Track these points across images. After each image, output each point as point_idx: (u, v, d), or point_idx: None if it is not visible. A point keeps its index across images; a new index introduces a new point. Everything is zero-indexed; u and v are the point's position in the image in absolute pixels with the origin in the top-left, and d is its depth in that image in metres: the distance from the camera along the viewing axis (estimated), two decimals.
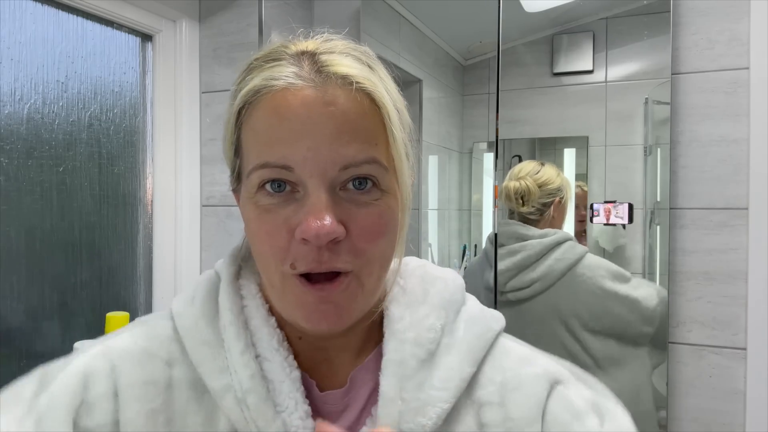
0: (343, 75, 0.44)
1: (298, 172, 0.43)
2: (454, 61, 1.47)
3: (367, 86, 0.44)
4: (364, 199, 0.44)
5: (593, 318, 1.27)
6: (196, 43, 1.50)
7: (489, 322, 0.54)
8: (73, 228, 1.26)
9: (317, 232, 0.41)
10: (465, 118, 1.45)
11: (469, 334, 0.52)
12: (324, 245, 0.42)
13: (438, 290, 0.53)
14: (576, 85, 1.34)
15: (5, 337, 1.11)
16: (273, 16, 1.46)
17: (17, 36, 1.14)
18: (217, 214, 1.49)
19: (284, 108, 0.43)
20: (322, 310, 0.45)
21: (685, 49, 1.23)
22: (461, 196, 1.47)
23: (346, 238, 0.43)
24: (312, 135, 0.43)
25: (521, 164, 1.37)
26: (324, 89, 0.43)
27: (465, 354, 0.50)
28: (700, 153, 1.23)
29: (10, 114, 1.13)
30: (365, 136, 0.44)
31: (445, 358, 0.50)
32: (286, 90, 0.44)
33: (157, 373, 0.48)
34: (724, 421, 1.20)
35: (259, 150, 0.44)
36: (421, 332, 0.50)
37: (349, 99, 0.44)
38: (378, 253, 0.46)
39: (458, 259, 1.45)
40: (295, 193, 0.44)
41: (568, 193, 1.34)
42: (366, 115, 0.44)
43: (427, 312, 0.52)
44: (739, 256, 1.19)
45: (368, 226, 0.44)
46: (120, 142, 1.38)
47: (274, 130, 0.43)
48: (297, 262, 0.44)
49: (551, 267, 1.29)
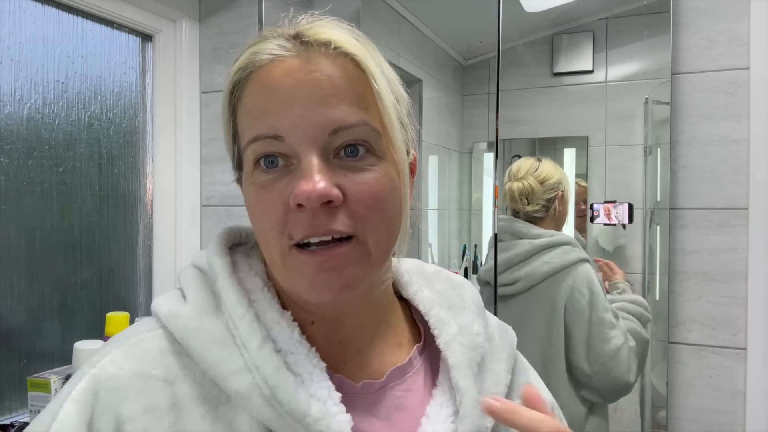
0: (324, 41, 0.44)
1: (288, 140, 0.43)
2: (454, 61, 1.47)
3: (348, 48, 0.44)
4: (359, 165, 0.44)
5: (553, 328, 1.27)
6: (196, 43, 1.50)
7: (509, 331, 0.57)
8: (73, 228, 1.26)
9: (309, 193, 0.41)
10: (465, 118, 1.45)
11: (504, 343, 0.55)
12: (319, 209, 0.41)
13: (470, 296, 0.56)
14: (576, 85, 1.34)
15: (5, 337, 1.11)
16: (273, 16, 1.46)
17: (17, 36, 1.14)
18: (217, 214, 1.49)
19: (269, 80, 0.44)
20: (325, 278, 0.43)
21: (685, 49, 1.23)
22: (461, 196, 1.47)
23: (344, 204, 0.43)
24: (298, 102, 0.43)
25: (518, 162, 1.36)
26: (307, 57, 0.44)
27: (506, 361, 0.54)
28: (700, 153, 1.23)
29: (10, 114, 1.13)
30: (353, 99, 0.44)
31: (491, 365, 0.53)
32: (270, 63, 0.44)
33: (157, 395, 0.43)
34: (724, 421, 1.20)
35: (250, 125, 0.45)
36: (473, 338, 0.52)
37: (333, 64, 0.44)
38: (382, 219, 0.44)
39: (458, 259, 1.45)
40: (289, 166, 0.44)
41: (567, 186, 1.34)
42: (352, 79, 0.44)
43: (471, 318, 0.54)
44: (739, 256, 1.19)
45: (365, 190, 0.43)
46: (120, 142, 1.38)
47: (262, 103, 0.44)
48: (293, 230, 0.43)
49: (536, 268, 1.29)
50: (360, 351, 0.50)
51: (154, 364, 0.44)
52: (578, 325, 1.25)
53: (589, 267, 1.28)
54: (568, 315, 1.26)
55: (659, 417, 1.25)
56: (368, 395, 0.49)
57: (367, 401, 0.49)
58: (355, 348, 0.50)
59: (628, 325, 1.24)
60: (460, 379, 0.49)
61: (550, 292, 1.28)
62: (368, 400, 0.49)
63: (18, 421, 1.05)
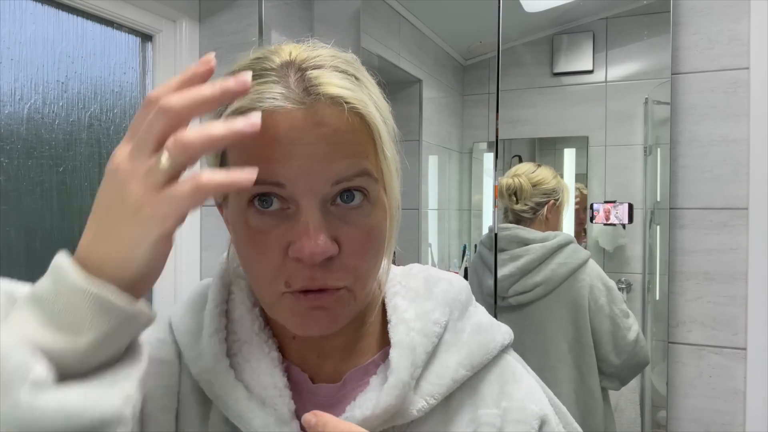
0: (333, 96, 0.43)
1: (290, 189, 0.43)
2: (454, 61, 1.47)
3: (358, 107, 0.44)
4: (353, 216, 0.45)
5: (580, 328, 1.27)
6: (196, 43, 1.50)
7: (495, 333, 0.54)
8: (73, 228, 1.26)
9: (311, 252, 0.42)
10: (465, 118, 1.45)
11: (473, 340, 0.52)
12: (317, 263, 0.43)
13: (442, 289, 0.54)
14: (576, 85, 1.34)
15: None
16: (273, 16, 1.46)
17: (17, 36, 1.14)
18: (217, 214, 1.49)
19: (274, 130, 0.42)
20: (315, 316, 0.45)
21: (685, 49, 1.23)
22: (461, 196, 1.47)
23: (338, 254, 0.44)
24: (304, 155, 0.42)
25: (519, 164, 1.38)
26: (314, 110, 0.43)
27: (464, 357, 0.51)
28: (700, 153, 1.23)
29: (10, 114, 1.13)
30: (356, 150, 0.44)
31: (444, 355, 0.51)
32: (274, 112, 0.42)
33: (166, 352, 0.52)
34: (724, 421, 1.20)
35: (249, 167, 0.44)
36: (428, 324, 0.51)
37: (339, 119, 0.43)
38: (368, 268, 0.47)
39: (458, 259, 1.45)
40: (286, 210, 0.44)
41: (565, 197, 1.34)
42: (356, 132, 0.44)
43: (432, 307, 0.52)
44: (739, 256, 1.19)
45: (359, 243, 0.45)
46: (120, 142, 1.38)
47: (264, 150, 0.43)
48: (292, 280, 0.44)
49: (554, 271, 1.29)
50: (334, 355, 0.52)
51: (165, 332, 0.54)
52: (601, 319, 1.26)
53: (595, 262, 1.29)
54: (591, 312, 1.26)
55: (659, 417, 1.25)
56: (321, 397, 0.50)
57: (321, 401, 0.50)
58: (329, 353, 0.52)
59: None
60: (395, 356, 0.48)
61: (572, 293, 1.28)
62: (322, 401, 0.50)
63: None
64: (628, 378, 1.28)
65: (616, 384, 1.28)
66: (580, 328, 1.27)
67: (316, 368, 0.52)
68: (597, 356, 1.27)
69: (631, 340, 1.24)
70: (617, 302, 1.26)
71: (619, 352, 1.25)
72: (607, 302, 1.26)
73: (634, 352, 1.24)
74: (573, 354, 1.27)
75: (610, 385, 1.28)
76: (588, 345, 1.26)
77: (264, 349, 0.50)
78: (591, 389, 1.26)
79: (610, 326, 1.25)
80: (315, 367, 0.52)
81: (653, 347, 1.26)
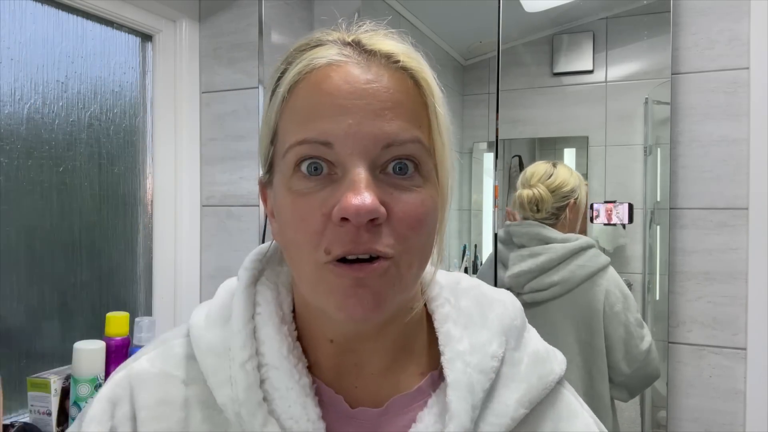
0: (387, 53, 0.43)
1: (337, 149, 0.41)
2: (454, 61, 1.47)
3: (412, 65, 0.43)
4: (405, 184, 0.42)
5: (593, 332, 1.26)
6: (196, 43, 1.50)
7: (553, 363, 0.50)
8: (73, 228, 1.26)
9: (357, 209, 0.38)
10: (465, 118, 1.45)
11: (531, 373, 0.48)
12: (363, 225, 0.39)
13: (498, 314, 0.50)
14: (576, 85, 1.34)
15: (5, 337, 1.11)
16: (273, 16, 1.46)
17: (17, 36, 1.14)
18: (217, 214, 1.49)
19: (326, 83, 0.41)
20: (359, 294, 0.41)
21: (685, 49, 1.23)
22: (461, 196, 1.47)
23: (387, 222, 0.41)
24: (355, 111, 0.41)
25: (533, 167, 1.33)
26: (368, 66, 0.42)
27: (523, 393, 0.47)
28: (700, 153, 1.23)
29: (10, 114, 1.13)
30: (409, 115, 0.42)
31: (502, 391, 0.47)
32: (328, 66, 0.42)
33: (173, 392, 0.48)
34: (724, 421, 1.20)
35: (297, 128, 0.42)
36: (485, 359, 0.47)
37: (393, 77, 0.42)
38: (419, 243, 0.43)
39: (458, 259, 1.45)
40: (332, 175, 0.41)
41: (582, 191, 1.32)
42: (410, 95, 0.43)
43: (488, 337, 0.48)
44: (739, 256, 1.19)
45: (410, 211, 0.41)
46: (120, 142, 1.38)
47: (315, 106, 0.41)
48: (332, 246, 0.40)
49: (573, 273, 1.27)
50: (374, 376, 0.48)
51: (177, 366, 0.49)
52: (615, 326, 1.24)
53: (613, 269, 1.27)
54: (606, 317, 1.25)
55: (659, 417, 1.25)
56: (361, 422, 0.47)
57: (360, 428, 0.47)
58: (369, 372, 0.48)
59: None
60: (454, 399, 0.44)
61: (588, 296, 1.26)
62: (361, 428, 0.47)
63: (18, 421, 1.05)
64: (638, 389, 1.26)
65: (625, 395, 1.26)
66: (593, 332, 1.26)
67: (353, 389, 0.48)
68: (608, 363, 1.25)
69: (643, 350, 1.23)
70: (633, 311, 1.24)
71: (630, 361, 1.23)
72: (623, 309, 1.24)
73: (645, 363, 1.23)
74: (583, 356, 1.26)
75: (619, 395, 1.26)
76: (600, 350, 1.25)
77: (294, 376, 0.45)
78: (600, 394, 1.25)
79: (624, 334, 1.23)
80: (351, 388, 0.48)
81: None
